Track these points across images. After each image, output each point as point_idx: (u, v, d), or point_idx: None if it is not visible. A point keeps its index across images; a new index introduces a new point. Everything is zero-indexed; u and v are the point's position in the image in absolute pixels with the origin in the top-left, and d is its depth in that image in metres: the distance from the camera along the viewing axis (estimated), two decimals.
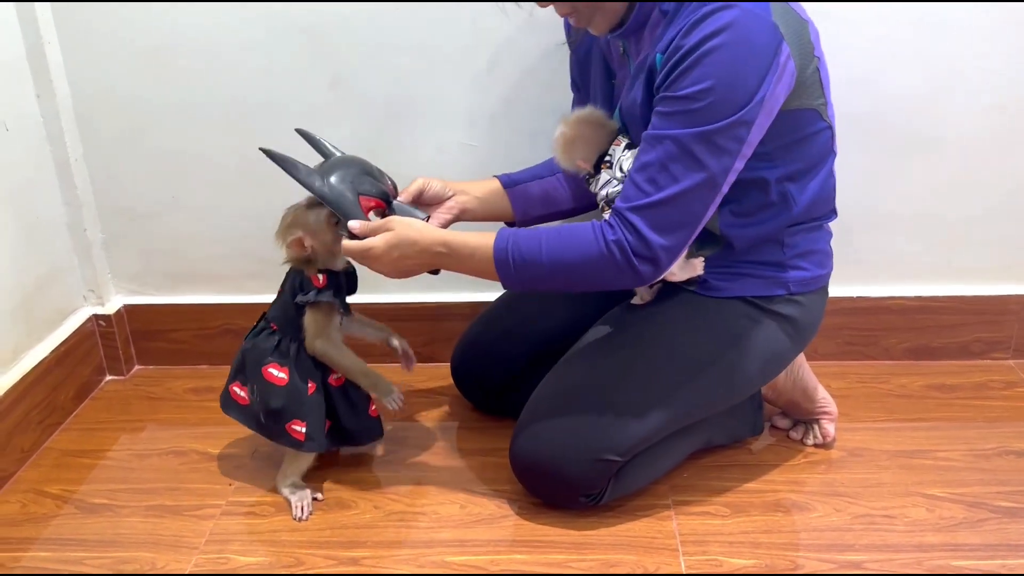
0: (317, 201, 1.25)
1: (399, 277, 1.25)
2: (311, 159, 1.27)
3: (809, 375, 1.46)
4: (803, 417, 1.49)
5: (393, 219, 1.23)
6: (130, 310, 1.76)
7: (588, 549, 1.25)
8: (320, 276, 1.29)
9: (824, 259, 1.32)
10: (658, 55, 1.11)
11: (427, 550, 1.26)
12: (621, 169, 1.24)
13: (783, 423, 1.52)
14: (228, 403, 1.39)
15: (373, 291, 1.41)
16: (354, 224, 1.22)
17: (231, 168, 1.64)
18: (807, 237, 1.28)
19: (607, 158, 1.26)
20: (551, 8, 1.20)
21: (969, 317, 1.70)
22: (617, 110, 1.28)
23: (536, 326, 1.50)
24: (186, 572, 1.23)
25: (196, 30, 1.54)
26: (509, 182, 1.43)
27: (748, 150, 1.10)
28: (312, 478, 1.40)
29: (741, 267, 1.27)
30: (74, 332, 1.66)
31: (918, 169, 1.60)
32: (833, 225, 1.35)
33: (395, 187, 1.31)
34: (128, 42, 1.55)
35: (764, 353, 1.29)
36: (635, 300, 1.34)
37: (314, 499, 1.37)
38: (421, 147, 1.61)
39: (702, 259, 1.27)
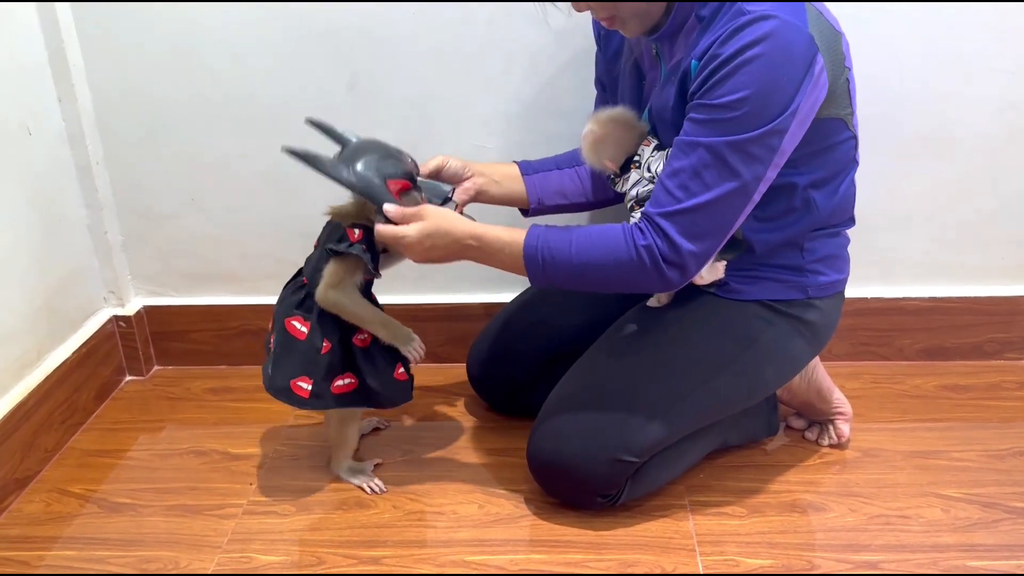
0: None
1: (427, 262, 1.26)
2: (327, 149, 1.27)
3: (824, 376, 1.46)
4: (818, 418, 1.50)
5: (427, 208, 1.23)
6: (150, 311, 1.78)
7: (606, 549, 1.27)
8: (356, 230, 1.27)
9: (842, 264, 1.33)
10: (693, 61, 1.11)
11: (446, 549, 1.28)
12: (649, 170, 1.25)
13: (798, 424, 1.53)
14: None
15: (389, 292, 1.42)
16: (390, 208, 1.22)
17: (249, 170, 1.66)
18: (826, 242, 1.29)
19: (636, 158, 1.27)
20: (574, 10, 1.20)
21: (982, 317, 1.70)
22: (647, 111, 1.28)
23: (552, 327, 1.51)
24: (209, 571, 1.25)
25: (215, 34, 1.55)
26: (528, 169, 1.44)
27: (781, 159, 1.11)
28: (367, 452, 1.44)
29: (761, 271, 1.28)
30: (95, 333, 1.68)
31: (930, 169, 1.60)
32: None
33: (415, 164, 1.31)
34: (148, 46, 1.57)
35: (781, 356, 1.30)
36: (652, 302, 1.35)
37: (376, 465, 1.44)
38: (436, 148, 1.60)
39: (725, 262, 1.28)
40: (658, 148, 1.26)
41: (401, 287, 1.67)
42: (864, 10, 1.49)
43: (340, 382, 1.31)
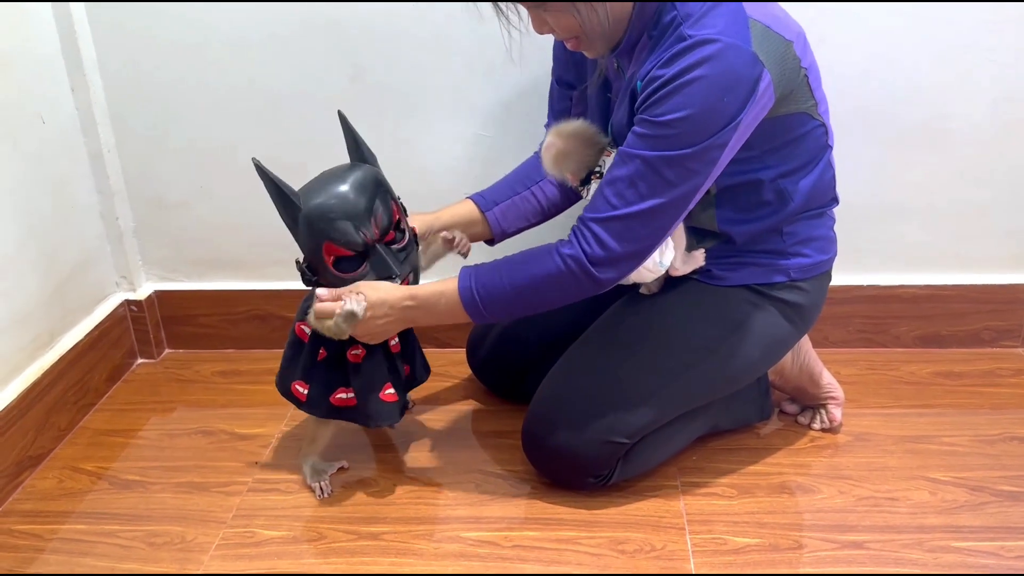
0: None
1: (377, 339, 1.28)
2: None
3: (815, 361, 1.49)
4: (810, 402, 1.53)
5: (360, 284, 1.24)
6: (160, 296, 1.82)
7: (597, 527, 1.30)
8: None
9: (826, 245, 1.35)
10: (638, 81, 1.14)
11: (443, 526, 1.31)
12: None
13: (791, 409, 1.55)
14: None
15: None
16: (322, 292, 1.24)
17: (257, 158, 1.69)
18: (808, 224, 1.31)
19: (598, 169, 1.29)
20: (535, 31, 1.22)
21: (979, 306, 1.72)
22: (610, 124, 1.30)
23: (550, 314, 1.53)
24: (214, 545, 1.29)
25: (223, 26, 1.59)
26: (485, 204, 1.45)
27: (719, 168, 1.14)
28: (335, 454, 1.45)
29: (743, 256, 1.31)
30: (107, 317, 1.72)
31: (928, 159, 1.62)
32: (844, 215, 1.38)
33: (401, 208, 1.29)
34: (158, 37, 1.61)
35: (766, 338, 1.32)
36: (642, 290, 1.38)
37: (340, 468, 1.43)
38: (437, 137, 1.66)
39: (703, 251, 1.31)
40: None
41: None
42: (861, 3, 1.51)
43: (342, 395, 1.33)
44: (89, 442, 1.57)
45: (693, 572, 1.21)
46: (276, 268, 1.78)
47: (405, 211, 1.31)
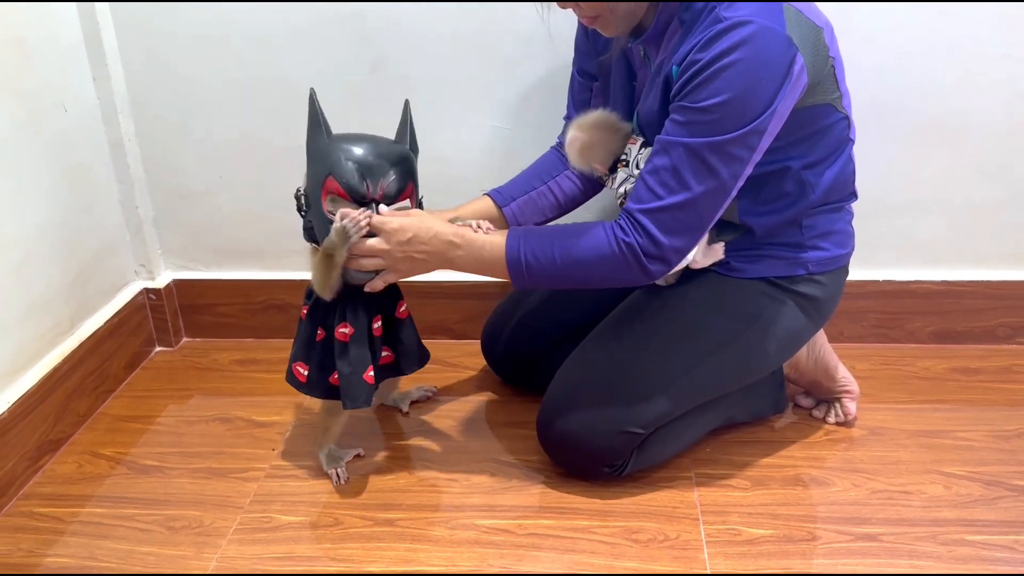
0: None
1: (412, 272, 1.25)
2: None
3: (830, 354, 1.49)
4: (825, 396, 1.53)
5: (414, 211, 1.25)
6: (179, 284, 1.84)
7: (611, 516, 1.31)
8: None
9: (845, 239, 1.35)
10: (674, 67, 1.14)
11: (458, 514, 1.32)
12: (638, 166, 1.27)
13: (806, 402, 1.55)
14: None
15: None
16: (384, 208, 1.23)
17: (276, 149, 1.71)
18: (827, 218, 1.31)
19: (623, 157, 1.30)
20: (557, 7, 1.23)
21: (995, 302, 1.71)
22: (636, 112, 1.31)
23: (565, 304, 1.54)
24: (231, 529, 1.31)
25: (244, 16, 1.60)
26: (502, 199, 1.46)
27: (758, 155, 1.14)
28: (351, 441, 1.47)
29: (762, 249, 1.31)
30: (126, 305, 1.74)
31: (944, 155, 1.62)
32: (860, 210, 1.38)
33: (416, 196, 1.29)
34: (179, 27, 1.62)
35: (782, 331, 1.33)
36: (659, 280, 1.39)
37: (356, 455, 1.44)
38: (455, 129, 1.66)
39: (723, 244, 1.32)
40: (644, 145, 1.28)
41: None
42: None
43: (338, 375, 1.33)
44: (108, 428, 1.58)
45: (707, 562, 1.22)
46: (294, 258, 1.79)
47: (421, 205, 1.32)
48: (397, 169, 1.24)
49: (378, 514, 1.33)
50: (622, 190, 1.30)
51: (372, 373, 1.30)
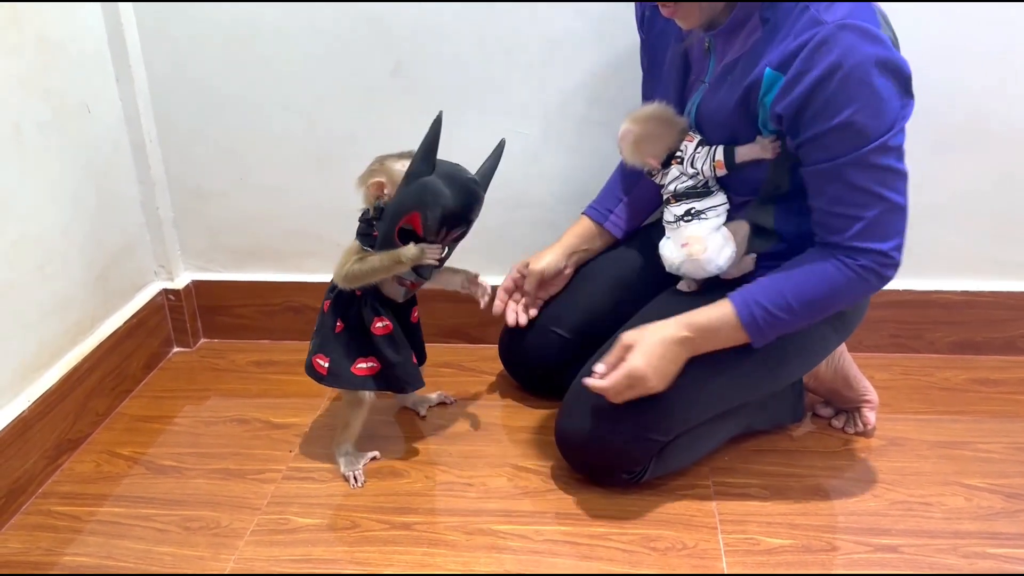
0: (407, 153, 1.30)
1: (668, 378, 1.25)
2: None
3: (850, 364, 1.48)
4: (845, 406, 1.52)
5: (622, 340, 1.26)
6: (198, 285, 1.85)
7: (629, 524, 1.30)
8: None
9: None
10: (768, 70, 1.14)
11: (475, 518, 1.32)
12: (693, 165, 1.28)
13: (825, 412, 1.54)
14: None
15: None
16: (599, 367, 1.27)
17: (296, 152, 1.71)
18: None
19: (678, 153, 1.29)
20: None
21: (1015, 312, 1.70)
22: (694, 107, 1.29)
23: (582, 310, 1.54)
24: (248, 530, 1.31)
25: (266, 19, 1.61)
26: (600, 216, 1.52)
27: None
28: (368, 444, 1.47)
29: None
30: (145, 305, 1.75)
31: (966, 163, 1.60)
32: None
33: (459, 238, 1.34)
34: (202, 30, 1.63)
35: (807, 343, 1.32)
36: (682, 286, 1.38)
37: (373, 458, 1.45)
38: (475, 133, 1.65)
39: (754, 256, 1.31)
40: (702, 143, 1.29)
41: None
42: (904, 4, 1.50)
43: (363, 364, 1.36)
44: (126, 427, 1.59)
45: (725, 571, 1.21)
46: (312, 260, 1.80)
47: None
48: (469, 220, 1.32)
49: (395, 517, 1.33)
50: (672, 187, 1.30)
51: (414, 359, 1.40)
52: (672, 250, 1.34)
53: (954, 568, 1.21)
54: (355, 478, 1.40)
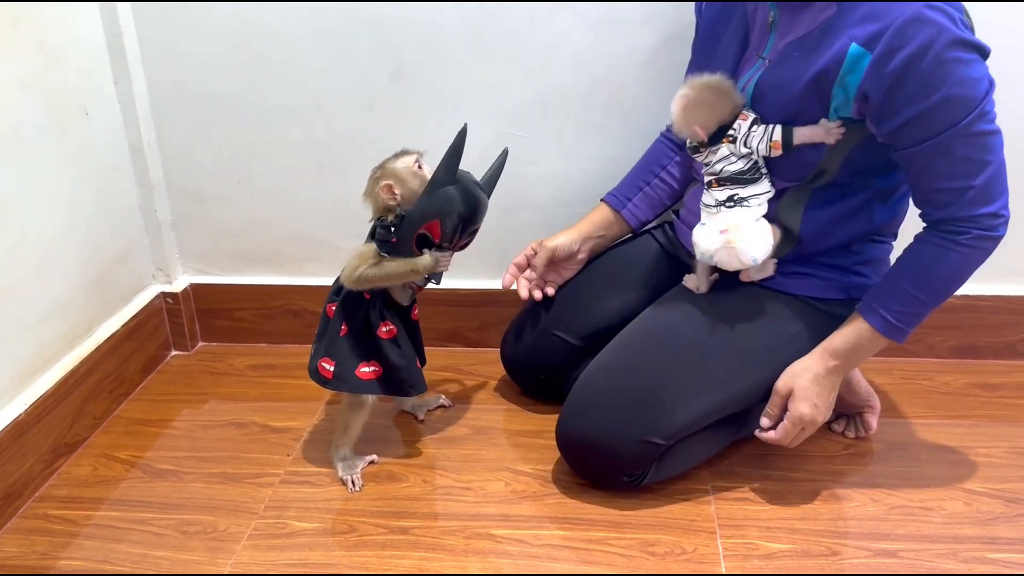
0: (402, 152, 1.33)
1: (830, 409, 1.30)
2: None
3: (854, 370, 1.47)
4: (847, 411, 1.51)
5: (779, 386, 1.28)
6: (196, 289, 1.84)
7: (628, 528, 1.30)
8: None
9: (885, 268, 1.35)
10: (853, 45, 1.13)
11: (473, 523, 1.32)
12: (747, 145, 1.24)
13: None
14: None
15: None
16: (766, 421, 1.30)
17: (295, 156, 1.71)
18: (874, 247, 1.32)
19: (731, 132, 1.26)
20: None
21: (1015, 317, 1.70)
22: (752, 84, 1.27)
23: (587, 314, 1.53)
24: (246, 534, 1.30)
25: (264, 22, 1.61)
26: (619, 203, 1.52)
27: None
28: (366, 448, 1.46)
29: (806, 266, 1.31)
30: (143, 308, 1.74)
31: None
32: None
33: (467, 243, 1.37)
34: (200, 32, 1.63)
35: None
36: (688, 284, 1.37)
37: (370, 462, 1.44)
38: (474, 136, 1.65)
39: (775, 261, 1.31)
40: (756, 123, 1.24)
41: None
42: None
43: (366, 368, 1.37)
44: (123, 431, 1.58)
45: (724, 574, 1.21)
46: (311, 264, 1.80)
47: None
48: (478, 224, 1.35)
49: (392, 522, 1.32)
50: (719, 167, 1.26)
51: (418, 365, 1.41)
52: (708, 237, 1.29)
53: (953, 573, 1.20)
54: (352, 482, 1.39)
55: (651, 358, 1.32)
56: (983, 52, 1.12)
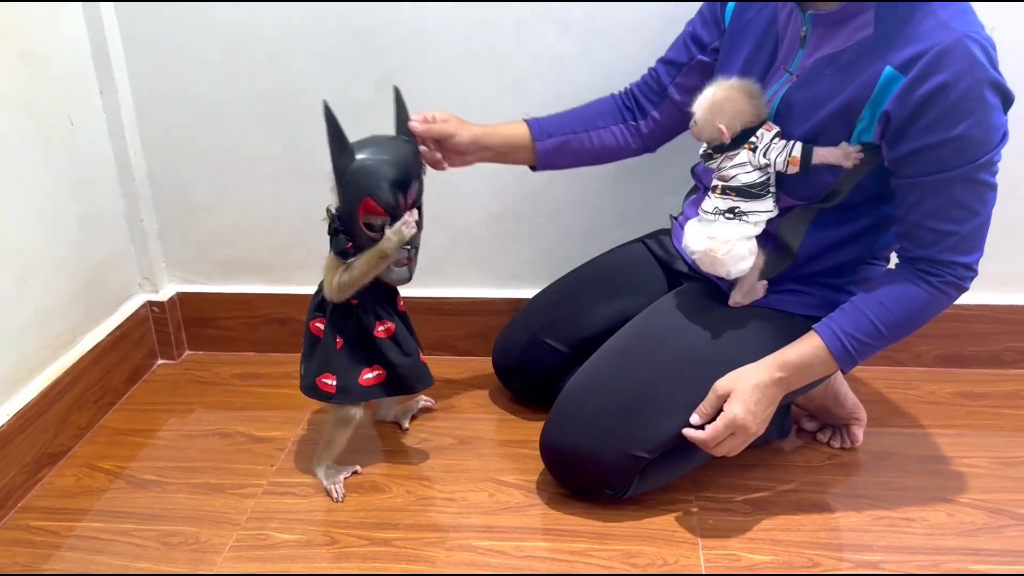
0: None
1: (766, 423, 1.26)
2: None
3: (840, 381, 1.47)
4: (833, 422, 1.51)
5: (717, 387, 1.24)
6: (182, 297, 1.84)
7: (610, 540, 1.30)
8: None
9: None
10: (888, 68, 1.12)
11: (455, 534, 1.31)
12: (766, 156, 1.23)
13: (810, 425, 1.54)
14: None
15: (412, 286, 1.45)
16: (695, 418, 1.26)
17: (282, 165, 1.71)
18: (867, 268, 1.32)
19: (752, 140, 1.24)
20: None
21: (1001, 326, 1.70)
22: (778, 97, 1.25)
23: (576, 322, 1.53)
24: (227, 546, 1.30)
25: (251, 32, 1.61)
26: (539, 133, 1.43)
27: None
28: (350, 458, 1.46)
29: (797, 284, 1.31)
30: (129, 317, 1.74)
31: None
32: None
33: (419, 194, 1.31)
34: (186, 42, 1.63)
35: None
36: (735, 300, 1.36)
37: (353, 472, 1.44)
38: None
39: (765, 284, 1.31)
40: (779, 135, 1.23)
41: (424, 281, 1.70)
42: None
43: (368, 375, 1.36)
44: (108, 441, 1.58)
45: None
46: (297, 272, 1.79)
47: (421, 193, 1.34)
48: (416, 173, 1.30)
49: (375, 533, 1.32)
50: (734, 173, 1.25)
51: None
52: (696, 237, 1.29)
53: None
54: (336, 491, 1.39)
55: (635, 372, 1.32)
56: (1008, 100, 1.12)
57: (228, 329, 1.86)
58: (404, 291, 1.40)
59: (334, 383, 1.35)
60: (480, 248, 1.74)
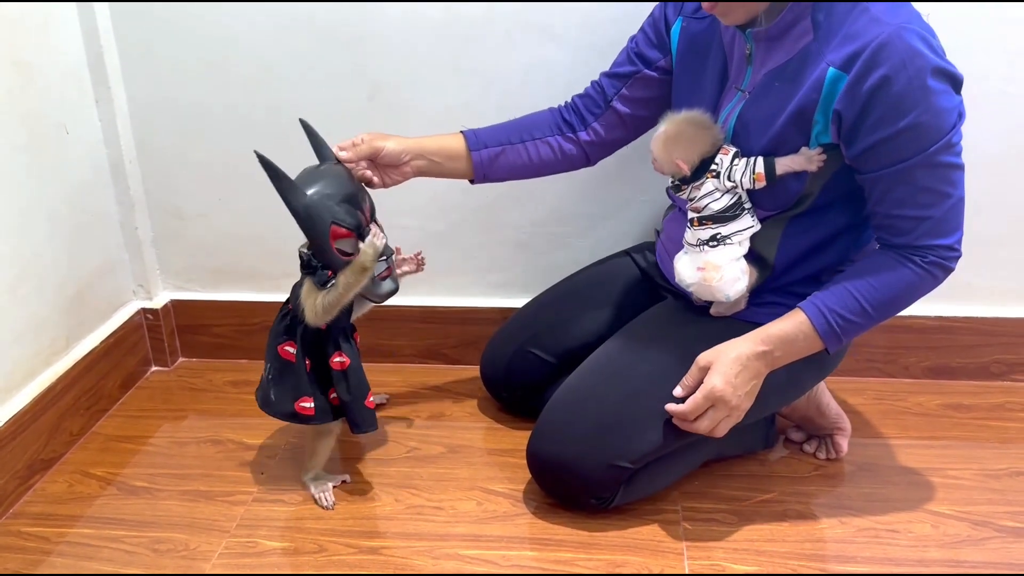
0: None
1: (749, 399, 1.26)
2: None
3: (823, 392, 1.49)
4: (817, 432, 1.52)
5: (700, 360, 1.24)
6: (176, 305, 1.85)
7: (596, 549, 1.31)
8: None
9: None
10: (831, 69, 1.13)
11: (442, 543, 1.32)
12: (731, 178, 1.24)
13: (797, 436, 1.55)
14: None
15: (402, 295, 1.46)
16: (678, 391, 1.26)
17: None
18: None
19: (713, 166, 1.25)
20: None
21: (989, 338, 1.71)
22: (734, 116, 1.27)
23: (562, 332, 1.54)
24: (216, 553, 1.31)
25: (245, 42, 1.62)
26: (475, 144, 1.43)
27: None
28: (337, 468, 1.47)
29: (777, 296, 1.31)
30: (123, 324, 1.75)
31: None
32: None
33: (372, 206, 1.33)
34: (181, 52, 1.64)
35: (785, 379, 1.30)
36: (714, 310, 1.36)
37: (343, 481, 1.45)
38: None
39: (747, 296, 1.32)
40: (738, 156, 1.24)
41: (414, 290, 1.72)
42: None
43: (333, 394, 1.37)
44: (100, 447, 1.59)
45: None
46: (290, 280, 1.77)
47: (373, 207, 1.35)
48: (362, 190, 1.33)
49: (363, 542, 1.33)
50: (705, 203, 1.26)
51: (372, 399, 1.37)
52: (687, 270, 1.31)
53: None
54: (325, 498, 1.40)
55: (617, 384, 1.33)
56: (957, 82, 1.13)
57: (221, 336, 1.87)
58: (395, 300, 1.41)
59: (311, 405, 1.35)
60: (470, 257, 1.75)
